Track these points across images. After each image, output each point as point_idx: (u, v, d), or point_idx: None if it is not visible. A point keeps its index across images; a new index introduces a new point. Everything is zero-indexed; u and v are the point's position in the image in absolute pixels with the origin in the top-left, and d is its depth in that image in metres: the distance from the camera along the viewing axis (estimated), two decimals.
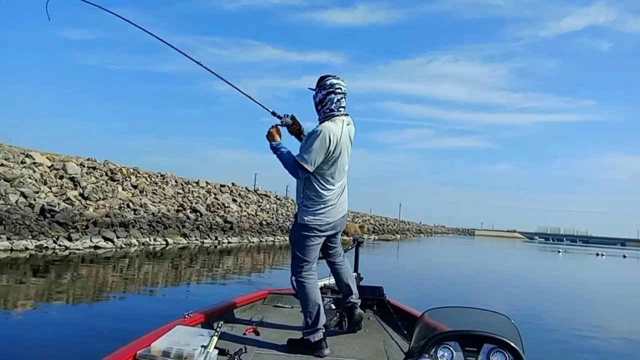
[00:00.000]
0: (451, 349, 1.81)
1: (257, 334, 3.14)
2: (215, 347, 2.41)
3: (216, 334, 2.49)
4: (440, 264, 23.16)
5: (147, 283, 9.80)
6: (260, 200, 34.49)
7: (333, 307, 3.92)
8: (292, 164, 2.91)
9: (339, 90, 3.00)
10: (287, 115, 3.18)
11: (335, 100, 2.98)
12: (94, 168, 21.40)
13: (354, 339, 3.19)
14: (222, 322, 2.74)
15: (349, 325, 3.36)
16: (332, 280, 4.20)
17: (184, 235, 18.97)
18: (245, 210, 28.60)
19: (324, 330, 2.91)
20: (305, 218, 2.97)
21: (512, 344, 1.77)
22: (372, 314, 3.96)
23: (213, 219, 23.08)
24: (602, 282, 20.22)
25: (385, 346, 3.06)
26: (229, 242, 20.97)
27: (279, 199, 39.64)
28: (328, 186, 2.97)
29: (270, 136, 3.07)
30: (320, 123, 2.99)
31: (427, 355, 1.78)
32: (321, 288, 4.37)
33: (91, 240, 14.23)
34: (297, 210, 3.10)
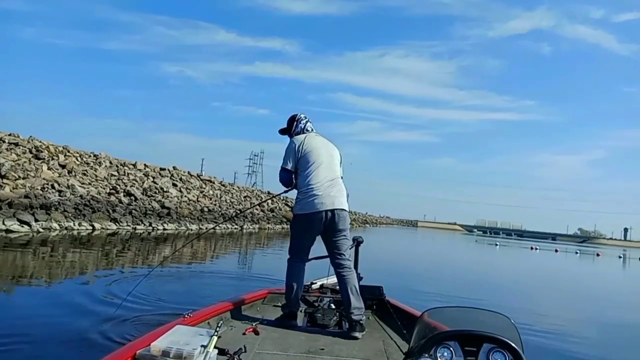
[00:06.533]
0: (451, 348, 1.83)
1: (257, 333, 3.18)
2: (215, 347, 2.43)
3: (216, 333, 2.51)
4: (388, 254, 23.12)
5: (74, 273, 8.66)
6: (204, 186, 33.21)
7: (333, 307, 3.99)
8: (279, 174, 3.67)
9: (302, 117, 3.93)
10: None
11: (301, 123, 3.86)
12: (16, 144, 19.52)
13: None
14: (221, 322, 2.73)
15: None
16: (331, 280, 4.38)
17: (114, 220, 17.68)
18: (185, 196, 27.32)
19: (298, 308, 3.61)
20: (295, 208, 3.57)
21: (512, 344, 1.78)
22: (371, 313, 4.01)
23: (149, 204, 21.78)
24: (546, 275, 20.84)
25: (385, 346, 3.11)
26: (164, 229, 19.84)
27: (223, 185, 38.45)
28: (308, 180, 3.49)
29: None
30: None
31: (426, 355, 1.80)
32: (320, 288, 4.65)
33: (3, 223, 12.82)
34: None
